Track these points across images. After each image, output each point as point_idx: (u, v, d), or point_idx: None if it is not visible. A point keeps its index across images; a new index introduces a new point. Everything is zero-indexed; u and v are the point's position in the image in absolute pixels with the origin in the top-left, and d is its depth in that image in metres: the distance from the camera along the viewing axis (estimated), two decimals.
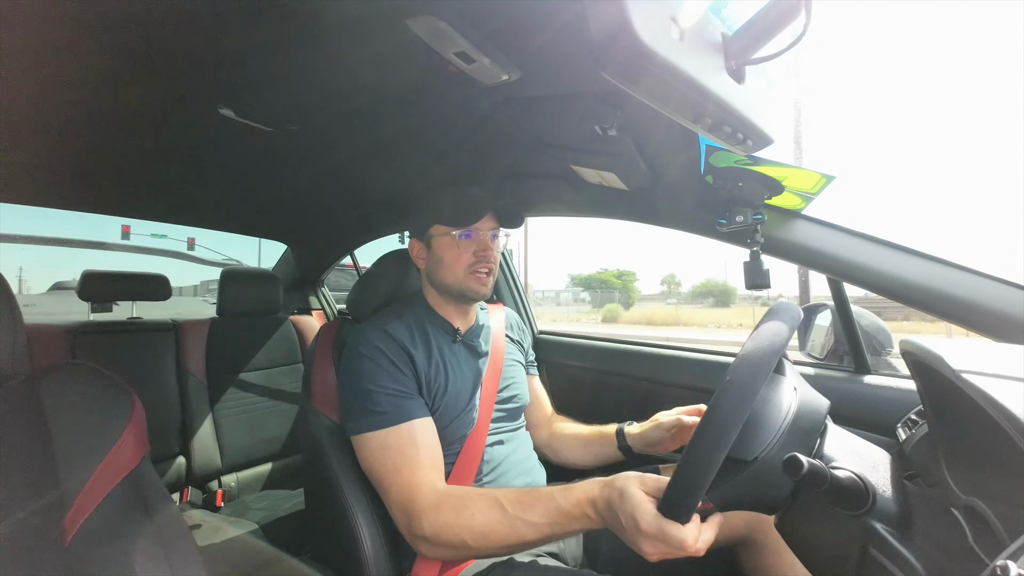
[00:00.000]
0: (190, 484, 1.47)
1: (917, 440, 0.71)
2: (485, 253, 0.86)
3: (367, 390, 0.77)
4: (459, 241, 0.86)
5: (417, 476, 0.71)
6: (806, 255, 0.83)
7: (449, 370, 0.85)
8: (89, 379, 0.54)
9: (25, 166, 1.07)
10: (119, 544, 0.47)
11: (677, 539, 0.51)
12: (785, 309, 0.58)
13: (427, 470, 0.72)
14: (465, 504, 0.66)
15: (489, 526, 0.64)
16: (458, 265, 0.86)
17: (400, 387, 0.78)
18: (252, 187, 1.35)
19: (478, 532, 0.64)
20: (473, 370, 0.90)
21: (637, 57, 0.40)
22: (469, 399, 0.86)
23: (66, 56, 0.66)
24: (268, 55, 0.66)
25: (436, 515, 0.67)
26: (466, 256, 0.86)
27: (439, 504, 0.68)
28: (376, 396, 0.76)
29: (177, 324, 1.55)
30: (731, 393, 0.50)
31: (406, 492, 0.71)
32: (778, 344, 0.53)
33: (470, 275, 0.86)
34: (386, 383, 0.77)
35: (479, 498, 0.67)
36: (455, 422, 0.83)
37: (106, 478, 0.49)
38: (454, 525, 0.65)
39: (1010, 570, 0.33)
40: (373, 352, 0.79)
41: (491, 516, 0.64)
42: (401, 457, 0.73)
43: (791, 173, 0.76)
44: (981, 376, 0.43)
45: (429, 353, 0.84)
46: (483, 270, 0.87)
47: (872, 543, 0.50)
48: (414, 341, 0.84)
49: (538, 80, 0.64)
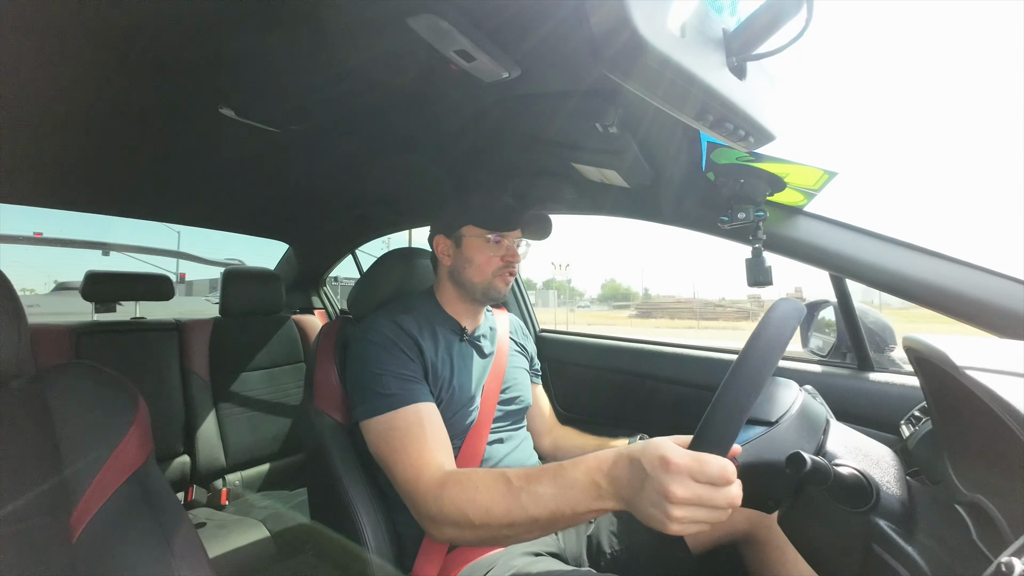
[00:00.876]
0: (194, 483, 1.48)
1: (921, 437, 0.71)
2: (513, 259, 0.91)
3: (376, 374, 0.78)
4: (492, 244, 0.89)
5: (424, 456, 0.71)
6: (808, 252, 0.82)
7: (454, 365, 0.87)
8: (93, 379, 0.54)
9: (24, 166, 1.07)
10: (125, 542, 0.48)
11: (717, 467, 0.47)
12: (788, 302, 0.58)
13: (434, 451, 0.72)
14: (469, 478, 0.65)
15: (492, 499, 0.61)
16: (488, 267, 0.89)
17: (408, 372, 0.79)
18: (253, 186, 1.35)
19: (481, 506, 0.62)
20: (477, 369, 0.91)
21: (638, 54, 0.40)
22: (472, 396, 0.87)
23: (66, 57, 0.67)
24: (268, 55, 0.66)
25: (441, 491, 0.66)
26: (496, 259, 0.90)
27: (444, 481, 0.67)
28: (384, 379, 0.77)
29: (180, 324, 1.56)
30: (769, 330, 0.50)
31: (412, 471, 0.70)
32: (796, 316, 0.53)
33: (497, 277, 0.90)
34: (394, 367, 0.78)
35: (484, 474, 0.65)
36: (457, 415, 0.84)
37: (111, 477, 0.50)
38: (457, 500, 0.64)
39: (1015, 567, 0.33)
40: (383, 339, 0.81)
41: (495, 490, 0.62)
42: (408, 438, 0.73)
43: (793, 169, 0.76)
44: (985, 372, 0.43)
45: (436, 345, 0.86)
46: (508, 274, 0.91)
47: (875, 540, 0.50)
48: (422, 333, 0.85)
49: (538, 78, 0.64)
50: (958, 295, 0.71)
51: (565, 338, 1.50)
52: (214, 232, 1.83)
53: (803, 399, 0.61)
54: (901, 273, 0.75)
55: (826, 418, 0.60)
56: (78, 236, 4.83)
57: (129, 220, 1.56)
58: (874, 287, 0.78)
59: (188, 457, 1.46)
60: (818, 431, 0.58)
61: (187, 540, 0.51)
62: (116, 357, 1.39)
